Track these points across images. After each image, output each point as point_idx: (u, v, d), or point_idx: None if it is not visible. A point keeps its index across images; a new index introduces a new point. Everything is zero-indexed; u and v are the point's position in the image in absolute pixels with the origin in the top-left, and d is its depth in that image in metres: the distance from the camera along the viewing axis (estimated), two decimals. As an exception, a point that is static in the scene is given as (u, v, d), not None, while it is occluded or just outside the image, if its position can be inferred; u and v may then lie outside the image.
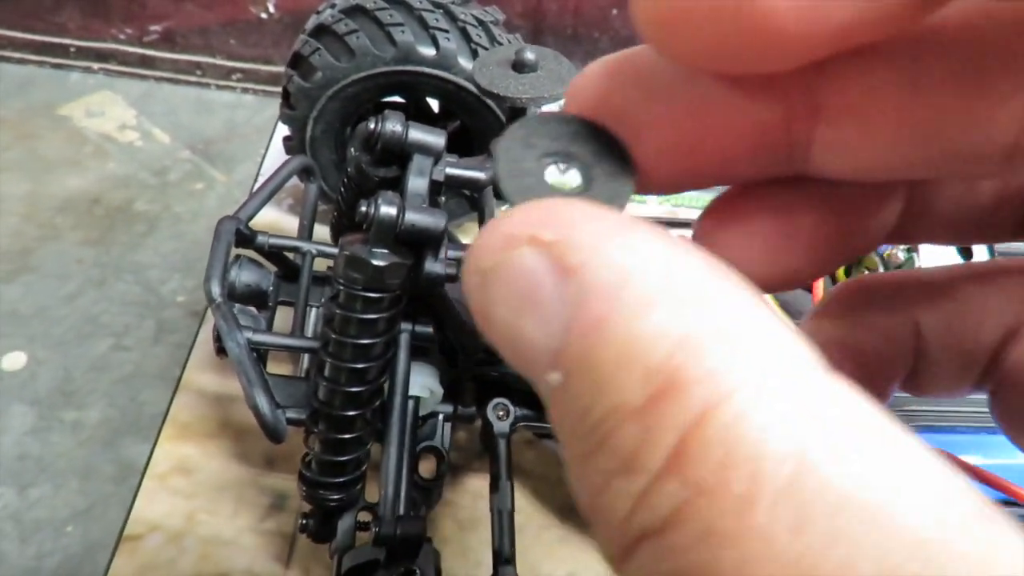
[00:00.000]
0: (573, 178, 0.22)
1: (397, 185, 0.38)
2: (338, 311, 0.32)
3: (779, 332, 0.11)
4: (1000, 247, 0.48)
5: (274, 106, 1.41)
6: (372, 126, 0.34)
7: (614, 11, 1.29)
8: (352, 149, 0.37)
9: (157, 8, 1.29)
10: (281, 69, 1.44)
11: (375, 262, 0.31)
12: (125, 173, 1.16)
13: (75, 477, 0.87)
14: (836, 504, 0.10)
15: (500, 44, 0.51)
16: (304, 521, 0.37)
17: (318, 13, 0.52)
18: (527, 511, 0.43)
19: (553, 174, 0.22)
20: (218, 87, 1.32)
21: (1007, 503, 0.44)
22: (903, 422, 0.11)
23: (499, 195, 0.43)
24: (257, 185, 0.62)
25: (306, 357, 0.40)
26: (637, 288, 0.12)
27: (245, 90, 1.32)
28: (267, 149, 0.60)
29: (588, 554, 0.47)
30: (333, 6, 0.51)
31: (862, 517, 0.10)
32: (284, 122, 0.51)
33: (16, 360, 0.95)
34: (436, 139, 0.35)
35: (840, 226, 0.20)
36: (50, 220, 1.09)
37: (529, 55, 0.35)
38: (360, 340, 0.33)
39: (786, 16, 0.12)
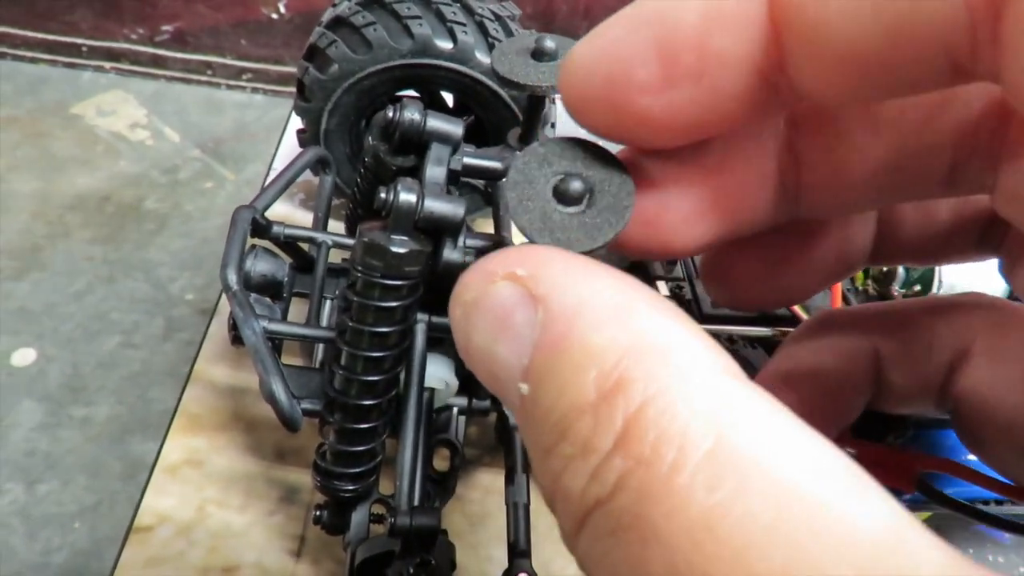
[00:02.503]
0: (576, 199, 0.25)
1: (414, 174, 0.37)
2: (355, 298, 0.32)
3: (698, 345, 0.14)
4: None
5: (284, 106, 1.41)
6: (391, 114, 0.34)
7: (624, 14, 1.30)
8: (370, 138, 0.37)
9: (168, 8, 1.30)
10: (292, 69, 1.45)
11: (394, 249, 0.31)
12: (136, 172, 1.16)
13: (83, 473, 0.87)
14: (743, 470, 0.13)
15: (516, 38, 0.51)
16: (318, 512, 0.37)
17: (334, 6, 0.52)
18: (540, 508, 0.43)
19: (557, 197, 0.24)
20: (228, 87, 1.33)
21: (999, 502, 0.44)
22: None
23: None
24: (270, 178, 0.62)
25: (320, 348, 0.40)
26: (591, 311, 0.15)
27: (255, 90, 1.32)
28: (279, 143, 0.60)
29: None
30: (350, -1, 0.52)
31: (761, 478, 0.12)
32: (298, 114, 0.51)
33: (26, 356, 0.95)
34: (454, 128, 0.35)
35: (824, 254, 0.23)
36: (60, 218, 1.09)
37: (549, 43, 0.35)
38: (377, 328, 0.32)
39: (649, 111, 0.17)
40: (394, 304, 0.32)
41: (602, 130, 0.18)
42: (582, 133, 0.22)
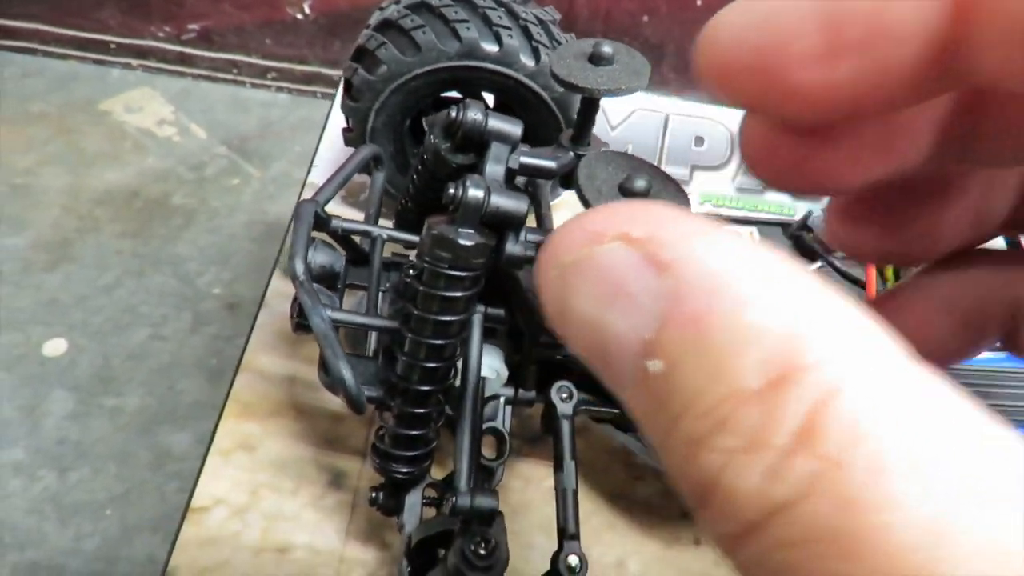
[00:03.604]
0: (641, 195, 0.28)
1: (472, 172, 0.39)
2: (422, 288, 0.33)
3: (870, 326, 0.13)
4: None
5: (309, 105, 1.43)
6: (454, 114, 0.36)
7: (645, 17, 1.31)
8: (431, 136, 0.38)
9: (195, 7, 1.32)
10: (316, 68, 1.47)
11: (462, 241, 0.32)
12: (163, 168, 1.18)
13: (113, 462, 0.88)
14: (956, 475, 0.11)
15: (559, 43, 0.52)
16: (373, 494, 0.39)
17: (381, 9, 0.54)
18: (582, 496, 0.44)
19: (624, 192, 0.28)
20: (253, 85, 1.35)
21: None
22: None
23: (566, 185, 0.44)
24: (315, 173, 0.63)
25: (373, 337, 0.41)
26: (737, 283, 0.13)
27: (280, 89, 1.35)
28: (319, 141, 0.62)
29: (635, 540, 0.48)
30: (397, 2, 0.53)
31: (977, 484, 0.11)
32: (346, 114, 0.53)
33: (57, 347, 0.97)
34: (514, 128, 0.36)
35: (960, 214, 0.21)
36: (90, 212, 1.11)
37: (606, 48, 0.37)
38: (442, 317, 0.34)
39: (803, 84, 0.15)
40: (459, 294, 0.34)
41: (744, 101, 0.16)
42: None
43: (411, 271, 0.43)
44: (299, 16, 1.32)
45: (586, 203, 0.31)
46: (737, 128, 0.19)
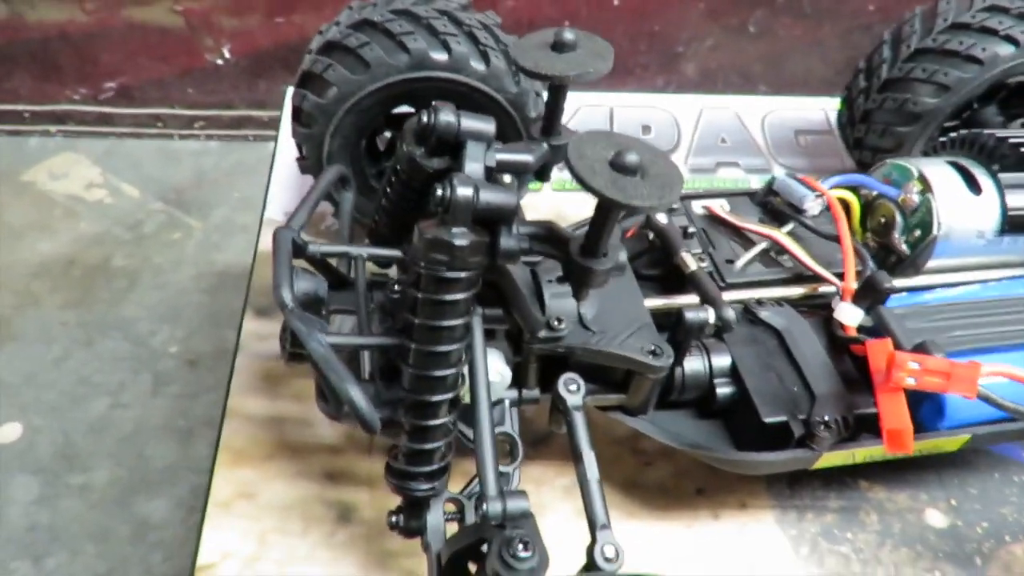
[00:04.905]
0: (633, 170, 0.29)
1: (446, 176, 0.38)
2: (420, 295, 0.33)
3: None
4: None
5: (241, 149, 1.40)
6: (425, 119, 0.35)
7: (566, 22, 1.33)
8: (402, 146, 0.37)
9: (110, 65, 1.28)
10: (244, 112, 1.44)
11: (458, 241, 0.32)
12: (98, 231, 1.14)
13: (90, 542, 0.84)
14: None
15: (504, 45, 0.52)
16: (394, 518, 0.37)
17: (321, 32, 0.53)
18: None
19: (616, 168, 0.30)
20: (181, 136, 1.31)
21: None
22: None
23: (540, 178, 0.44)
24: (271, 208, 0.62)
25: (367, 359, 0.40)
26: None
27: (209, 137, 1.31)
28: (269, 175, 0.60)
29: (657, 523, 0.47)
30: (337, 24, 0.52)
31: None
32: (299, 141, 0.51)
33: (11, 431, 0.92)
34: (487, 125, 0.36)
35: None
36: (26, 287, 1.06)
37: (568, 35, 0.37)
38: (444, 322, 0.33)
39: None
40: (459, 296, 0.33)
41: None
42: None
43: (396, 287, 0.42)
44: (219, 61, 1.29)
45: (581, 182, 0.31)
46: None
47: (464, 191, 0.31)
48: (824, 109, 0.76)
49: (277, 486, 0.46)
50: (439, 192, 0.31)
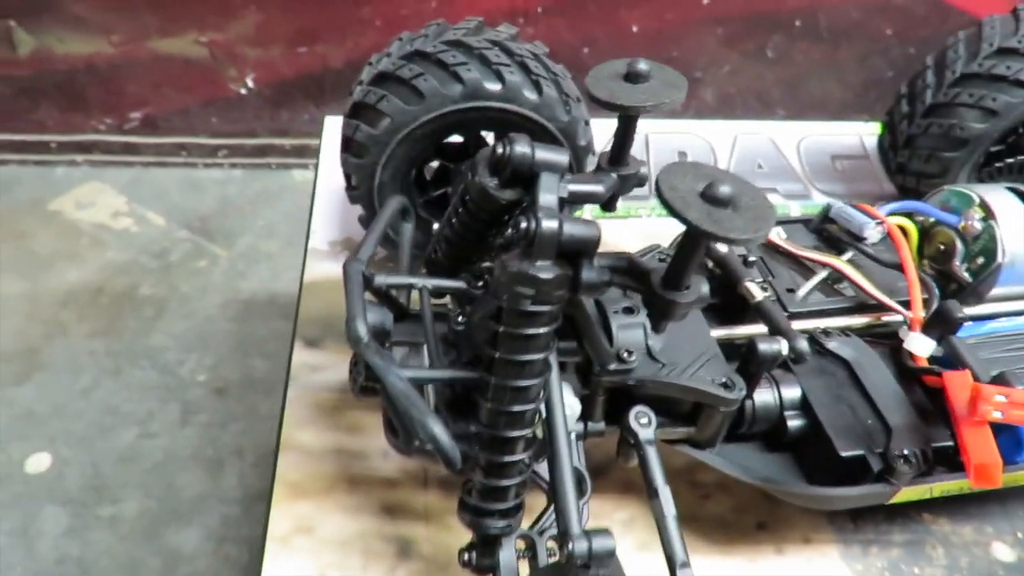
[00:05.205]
0: (725, 202, 0.29)
1: (518, 207, 0.38)
2: (502, 329, 0.32)
3: None
4: None
5: (264, 178, 1.40)
6: (501, 150, 0.35)
7: (585, 49, 1.34)
8: (473, 176, 0.37)
9: (135, 95, 1.29)
10: (267, 140, 1.45)
11: (543, 275, 0.31)
12: (125, 260, 1.14)
13: (121, 574, 0.83)
14: None
15: (554, 74, 0.52)
16: (466, 555, 0.36)
17: (371, 64, 0.53)
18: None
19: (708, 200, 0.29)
20: (205, 165, 1.32)
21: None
22: None
23: (607, 208, 0.44)
24: (315, 238, 0.61)
25: (431, 392, 0.39)
26: None
27: (233, 165, 1.32)
28: (312, 201, 0.60)
29: (719, 559, 0.46)
30: (388, 55, 0.52)
31: None
32: (349, 171, 0.51)
33: (40, 462, 0.91)
34: (561, 156, 0.36)
35: None
36: (54, 316, 1.06)
37: (642, 66, 0.37)
38: (526, 356, 0.33)
39: None
40: (542, 330, 0.33)
41: None
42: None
43: (460, 318, 0.42)
44: (243, 91, 1.30)
45: (676, 214, 0.30)
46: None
47: (549, 224, 0.31)
48: (859, 134, 0.76)
49: (335, 520, 0.45)
50: (523, 225, 0.31)
